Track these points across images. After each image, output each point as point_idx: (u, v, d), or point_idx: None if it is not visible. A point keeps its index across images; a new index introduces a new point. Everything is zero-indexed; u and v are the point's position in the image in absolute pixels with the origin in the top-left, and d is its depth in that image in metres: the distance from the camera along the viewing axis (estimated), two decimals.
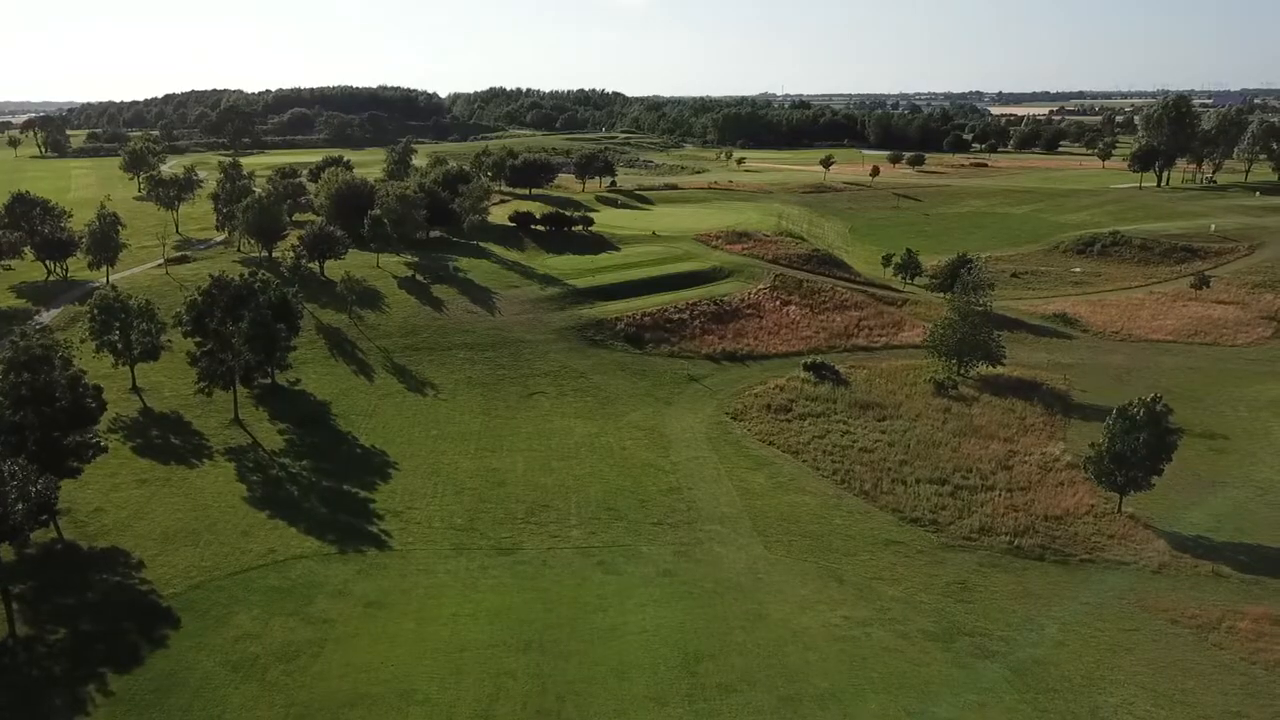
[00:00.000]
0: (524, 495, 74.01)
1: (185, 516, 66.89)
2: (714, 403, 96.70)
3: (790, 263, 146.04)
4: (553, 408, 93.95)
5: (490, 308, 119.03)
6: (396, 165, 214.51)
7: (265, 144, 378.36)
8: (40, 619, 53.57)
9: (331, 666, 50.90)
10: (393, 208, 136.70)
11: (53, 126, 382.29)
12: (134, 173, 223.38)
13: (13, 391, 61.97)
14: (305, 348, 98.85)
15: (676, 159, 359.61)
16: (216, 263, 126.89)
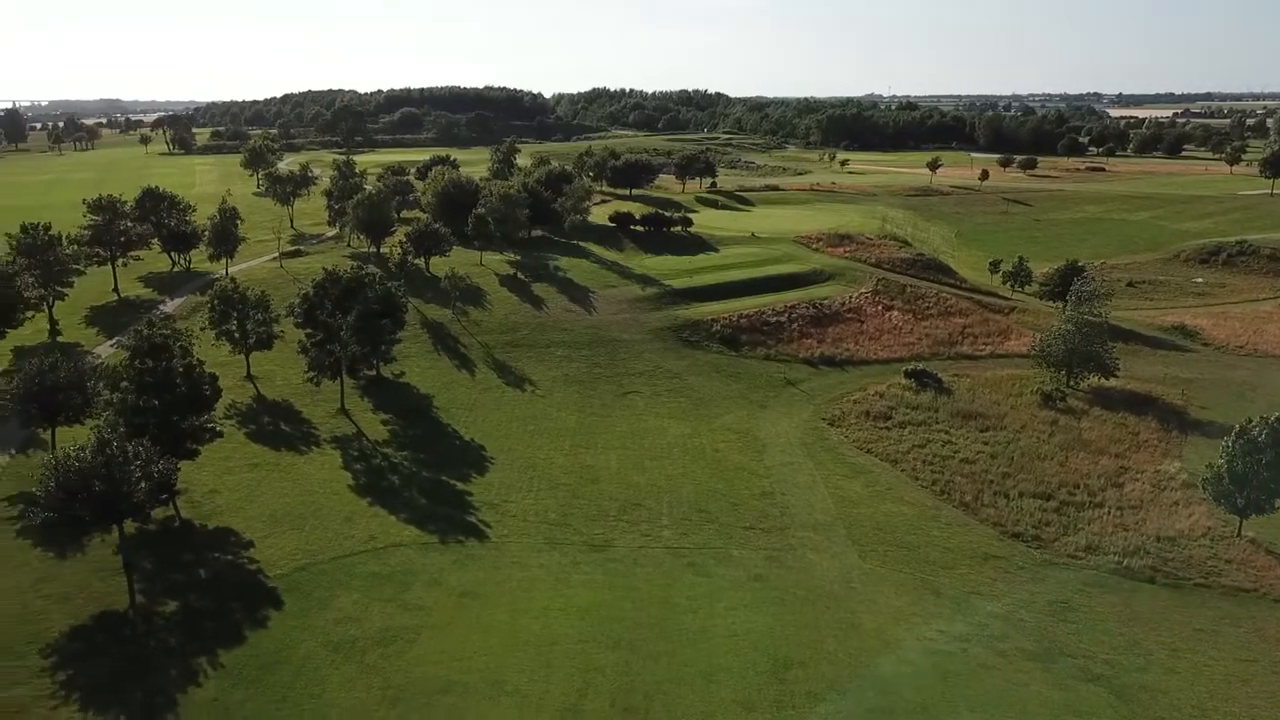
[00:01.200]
0: (616, 493, 74.45)
1: (292, 501, 69.42)
2: (810, 408, 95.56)
3: (893, 267, 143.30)
4: (647, 407, 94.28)
5: (588, 307, 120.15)
6: (501, 164, 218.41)
7: (376, 142, 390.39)
8: (157, 592, 56.28)
9: (426, 653, 52.11)
10: (496, 207, 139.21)
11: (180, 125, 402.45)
12: (253, 169, 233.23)
13: (137, 377, 65.27)
14: (409, 341, 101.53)
15: (778, 160, 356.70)
16: (327, 257, 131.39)
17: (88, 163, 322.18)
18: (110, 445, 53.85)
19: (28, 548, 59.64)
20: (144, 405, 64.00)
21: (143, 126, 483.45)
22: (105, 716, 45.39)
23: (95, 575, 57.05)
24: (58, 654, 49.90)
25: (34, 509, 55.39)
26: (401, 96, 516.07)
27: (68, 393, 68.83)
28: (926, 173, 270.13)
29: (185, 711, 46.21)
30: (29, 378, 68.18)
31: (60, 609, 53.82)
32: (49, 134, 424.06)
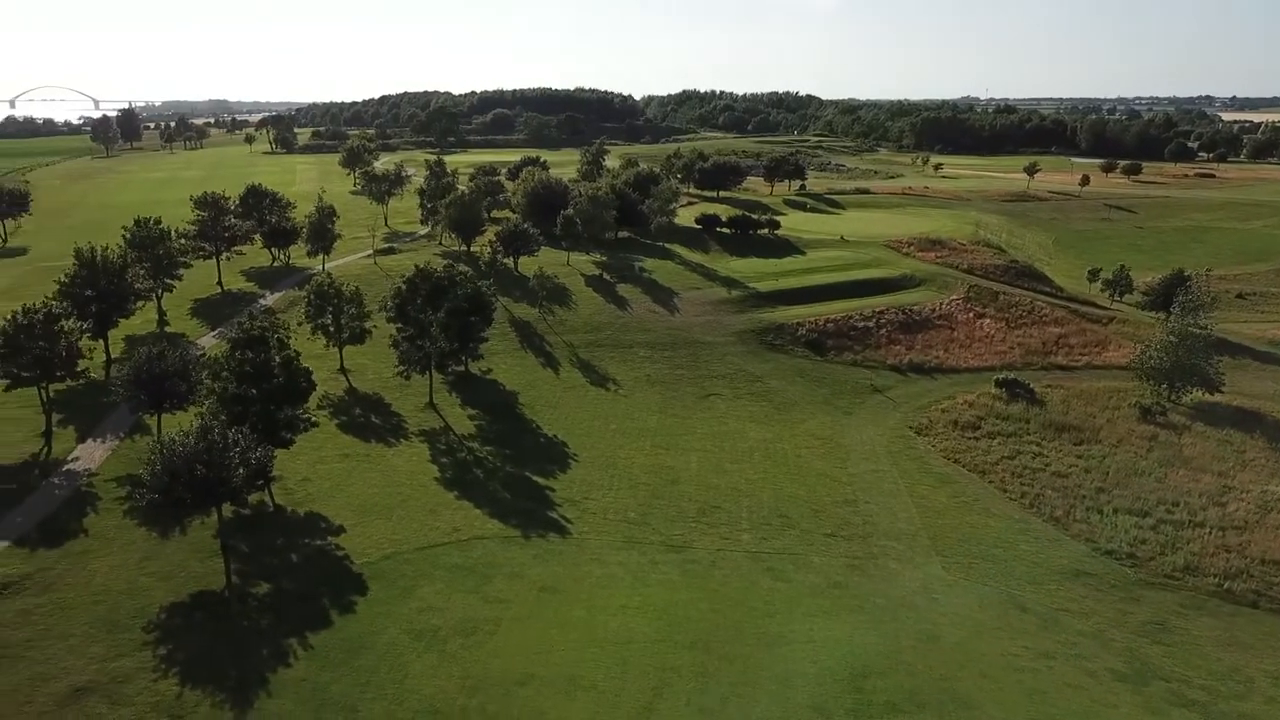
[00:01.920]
0: (696, 495, 74.49)
1: (380, 491, 71.31)
2: (897, 415, 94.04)
3: (986, 273, 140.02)
4: (728, 410, 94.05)
5: (672, 308, 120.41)
6: (590, 166, 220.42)
7: (468, 143, 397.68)
8: (252, 574, 58.44)
9: (506, 645, 52.98)
10: (584, 207, 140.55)
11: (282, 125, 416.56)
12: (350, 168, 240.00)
13: (238, 367, 67.90)
14: (497, 339, 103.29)
15: (869, 163, 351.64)
16: (419, 255, 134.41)
17: (196, 161, 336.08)
18: (212, 432, 56.15)
19: (134, 527, 62.56)
20: (243, 394, 66.48)
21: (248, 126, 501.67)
22: (201, 690, 47.32)
23: (195, 556, 59.54)
24: (159, 629, 52.24)
25: (140, 490, 58.14)
26: (494, 98, 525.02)
27: (173, 380, 71.88)
28: (1024, 177, 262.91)
29: (275, 690, 47.88)
30: (138, 365, 71.44)
31: (162, 586, 56.33)
32: (161, 133, 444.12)
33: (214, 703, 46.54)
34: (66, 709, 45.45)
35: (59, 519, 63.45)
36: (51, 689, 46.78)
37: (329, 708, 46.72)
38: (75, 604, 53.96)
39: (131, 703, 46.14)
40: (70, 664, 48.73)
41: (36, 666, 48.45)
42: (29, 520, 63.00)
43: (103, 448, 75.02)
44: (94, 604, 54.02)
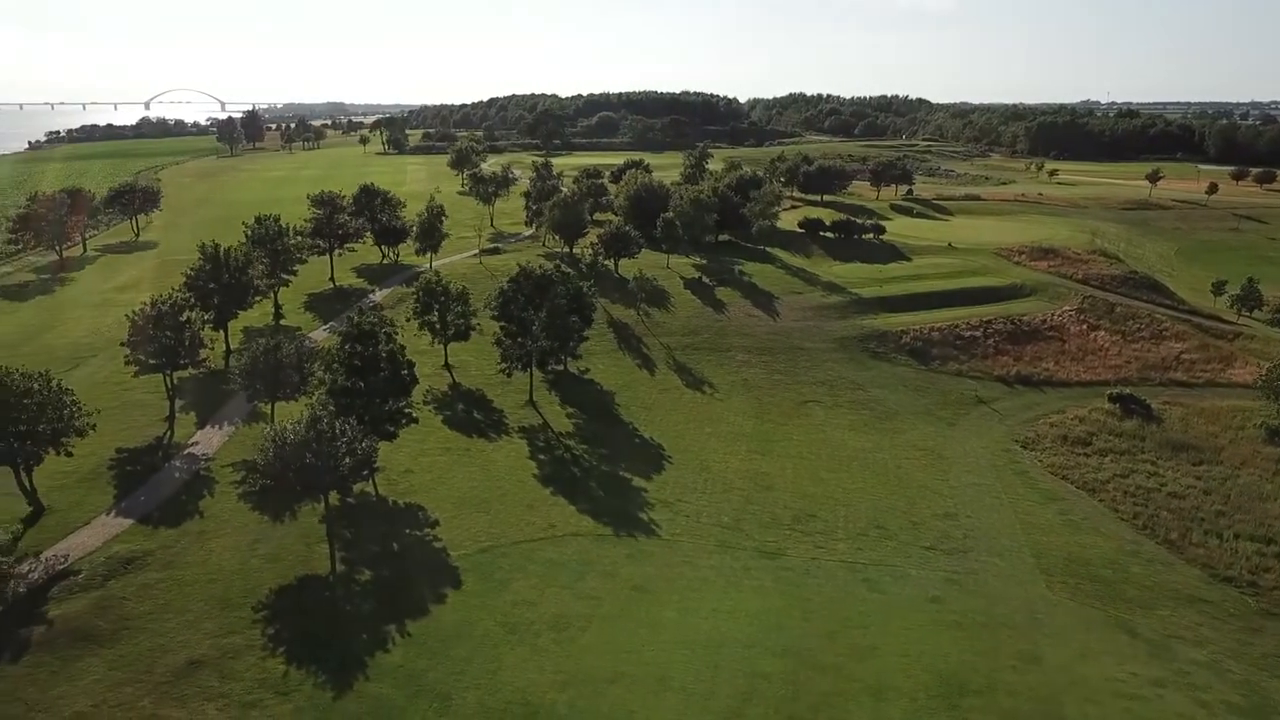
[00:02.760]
0: (791, 502, 73.73)
1: (479, 485, 72.76)
2: (1002, 428, 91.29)
3: (1102, 284, 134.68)
4: (827, 418, 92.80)
5: (771, 312, 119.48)
6: (692, 169, 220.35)
7: (573, 145, 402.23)
8: (355, 560, 60.37)
9: (597, 641, 53.42)
10: (685, 210, 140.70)
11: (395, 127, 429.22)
12: (458, 170, 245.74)
13: (347, 360, 70.27)
14: (596, 339, 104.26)
15: (981, 169, 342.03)
16: (523, 255, 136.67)
17: (313, 161, 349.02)
18: (321, 422, 58.20)
19: (247, 510, 65.36)
20: (352, 387, 68.76)
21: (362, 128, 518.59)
22: (305, 670, 49.11)
23: (302, 540, 61.83)
24: (268, 609, 54.42)
25: (254, 476, 60.77)
26: (600, 100, 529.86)
27: (287, 371, 74.89)
28: (1145, 185, 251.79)
29: (374, 674, 49.35)
30: (255, 356, 74.65)
31: (271, 568, 58.66)
32: (282, 134, 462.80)
33: (316, 683, 48.24)
34: (182, 680, 47.76)
35: (179, 500, 66.80)
36: (169, 661, 49.23)
37: (424, 695, 47.91)
38: (192, 581, 56.68)
39: (241, 678, 48.21)
40: (186, 638, 51.19)
41: (156, 638, 51.05)
42: (152, 500, 66.51)
43: (220, 434, 78.63)
44: (209, 582, 56.63)
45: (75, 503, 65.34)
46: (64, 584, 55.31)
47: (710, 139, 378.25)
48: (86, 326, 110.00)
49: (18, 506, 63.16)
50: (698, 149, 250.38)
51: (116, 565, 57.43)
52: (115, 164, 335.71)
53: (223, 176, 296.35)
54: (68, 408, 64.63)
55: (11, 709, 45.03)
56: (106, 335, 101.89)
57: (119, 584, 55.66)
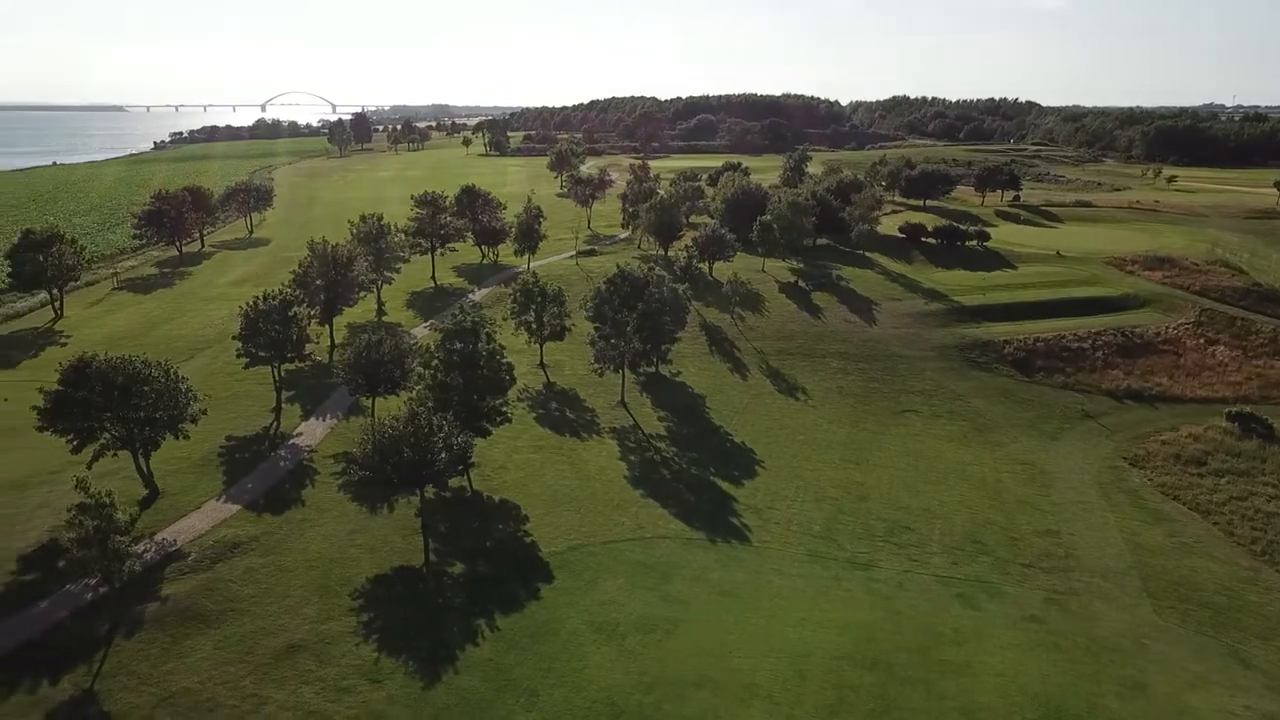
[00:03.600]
0: (885, 513, 72.25)
1: (570, 484, 73.38)
2: (1110, 444, 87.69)
3: (1222, 296, 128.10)
4: (924, 428, 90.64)
5: (869, 318, 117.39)
6: (791, 172, 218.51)
7: (671, 148, 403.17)
8: (448, 554, 61.54)
9: (683, 645, 53.26)
10: (782, 214, 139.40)
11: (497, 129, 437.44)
12: (557, 172, 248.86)
13: (446, 357, 71.77)
14: (688, 342, 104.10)
15: (1093, 174, 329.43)
16: (618, 257, 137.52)
17: (418, 161, 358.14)
18: (419, 417, 59.60)
19: (346, 501, 67.34)
20: (450, 383, 70.16)
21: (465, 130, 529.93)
22: (397, 659, 50.28)
23: (398, 532, 63.36)
24: (363, 597, 55.93)
25: (353, 467, 62.59)
26: (698, 103, 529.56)
27: (388, 367, 76.94)
28: (1272, 192, 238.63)
29: (462, 667, 50.19)
30: (358, 351, 76.92)
31: (368, 558, 60.28)
32: (388, 135, 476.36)
33: (407, 672, 49.33)
34: (282, 662, 49.44)
35: (283, 489, 69.24)
36: (270, 643, 51.03)
37: (511, 689, 48.51)
38: (293, 567, 58.65)
39: (336, 663, 49.64)
40: (286, 622, 52.99)
41: (259, 621, 53.00)
42: (258, 488, 69.11)
43: (323, 425, 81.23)
44: (308, 569, 58.51)
45: (187, 488, 68.37)
46: (175, 565, 57.93)
47: (810, 142, 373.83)
48: (202, 319, 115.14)
49: (135, 489, 66.41)
50: (797, 152, 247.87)
51: (223, 549, 59.86)
52: (232, 164, 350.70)
53: (332, 176, 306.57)
54: (183, 396, 67.63)
55: (124, 682, 47.34)
56: (220, 328, 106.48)
57: (225, 567, 57.99)
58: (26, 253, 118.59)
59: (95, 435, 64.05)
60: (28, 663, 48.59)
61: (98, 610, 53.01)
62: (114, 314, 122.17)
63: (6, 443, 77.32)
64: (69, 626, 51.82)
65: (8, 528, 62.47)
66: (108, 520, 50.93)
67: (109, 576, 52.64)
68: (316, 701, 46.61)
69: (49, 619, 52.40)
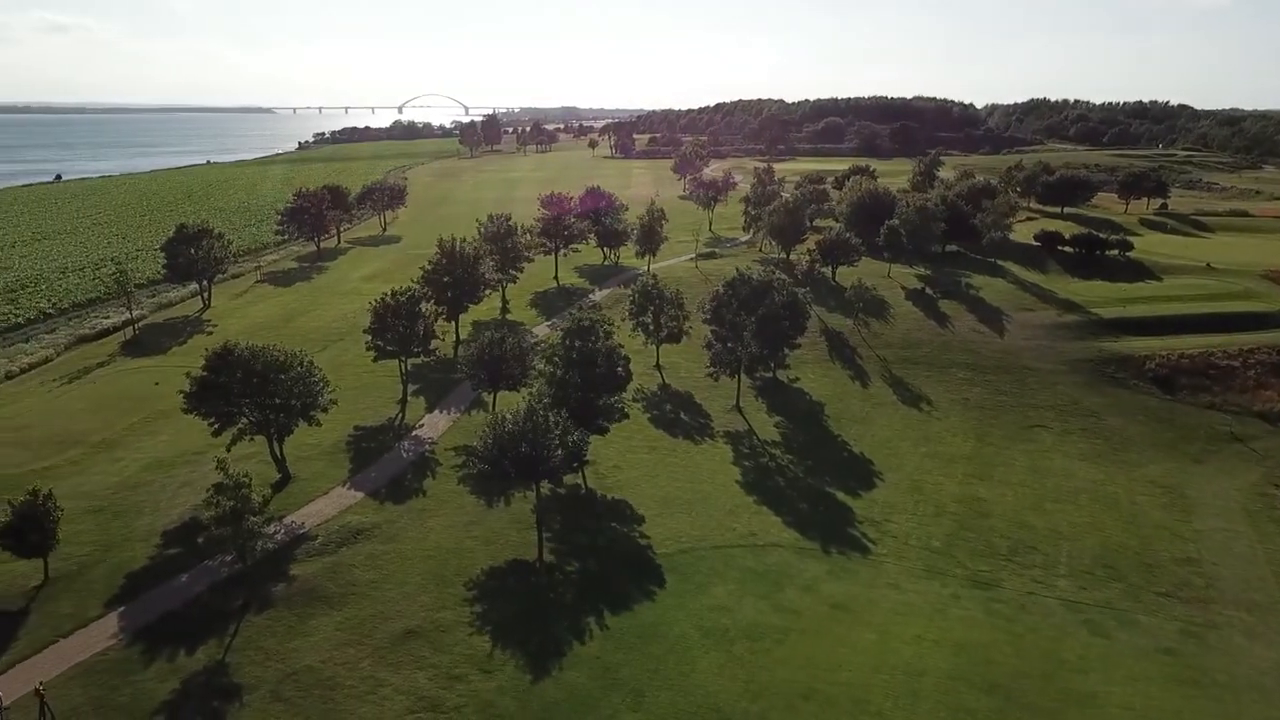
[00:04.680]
0: (1008, 531, 69.41)
1: (683, 487, 73.22)
2: (1260, 470, 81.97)
3: None
4: (1054, 444, 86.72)
5: (998, 329, 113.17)
6: (921, 177, 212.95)
7: (797, 151, 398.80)
8: (561, 550, 62.24)
9: (793, 655, 52.39)
10: (910, 219, 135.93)
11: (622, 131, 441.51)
12: (681, 174, 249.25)
13: (565, 355, 72.71)
14: (808, 347, 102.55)
15: (1250, 181, 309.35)
16: (738, 260, 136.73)
17: (545, 163, 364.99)
18: (537, 413, 60.51)
19: (464, 493, 68.99)
20: (568, 380, 71.02)
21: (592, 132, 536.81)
22: (508, 651, 51.13)
23: (513, 526, 64.49)
24: (478, 588, 57.13)
25: (473, 460, 64.03)
26: (826, 106, 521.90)
27: (509, 363, 78.51)
28: None
29: (570, 663, 50.64)
30: (481, 348, 78.79)
31: (484, 550, 61.56)
32: (517, 137, 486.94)
33: (517, 664, 50.10)
34: (398, 647, 50.95)
35: (405, 478, 71.47)
36: (388, 628, 52.66)
37: (618, 689, 48.66)
38: (412, 555, 60.41)
39: (450, 651, 50.83)
40: (404, 608, 54.59)
41: (378, 606, 54.77)
42: (382, 477, 71.54)
43: (445, 418, 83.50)
44: (426, 558, 60.16)
45: (317, 474, 71.34)
46: (303, 547, 60.48)
47: (942, 146, 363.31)
48: (336, 312, 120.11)
49: (269, 473, 69.71)
50: (928, 156, 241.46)
51: (348, 534, 62.17)
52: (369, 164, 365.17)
53: (462, 176, 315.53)
54: (316, 385, 70.63)
55: (253, 656, 49.67)
56: (352, 321, 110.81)
57: (349, 551, 60.20)
58: (179, 246, 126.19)
59: (234, 419, 67.55)
60: (168, 632, 51.55)
61: (231, 586, 55.83)
62: (256, 305, 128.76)
63: (157, 424, 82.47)
64: (205, 600, 54.75)
65: (154, 504, 66.58)
66: (243, 501, 53.52)
67: (242, 554, 55.37)
68: (429, 687, 47.82)
69: (188, 592, 55.49)
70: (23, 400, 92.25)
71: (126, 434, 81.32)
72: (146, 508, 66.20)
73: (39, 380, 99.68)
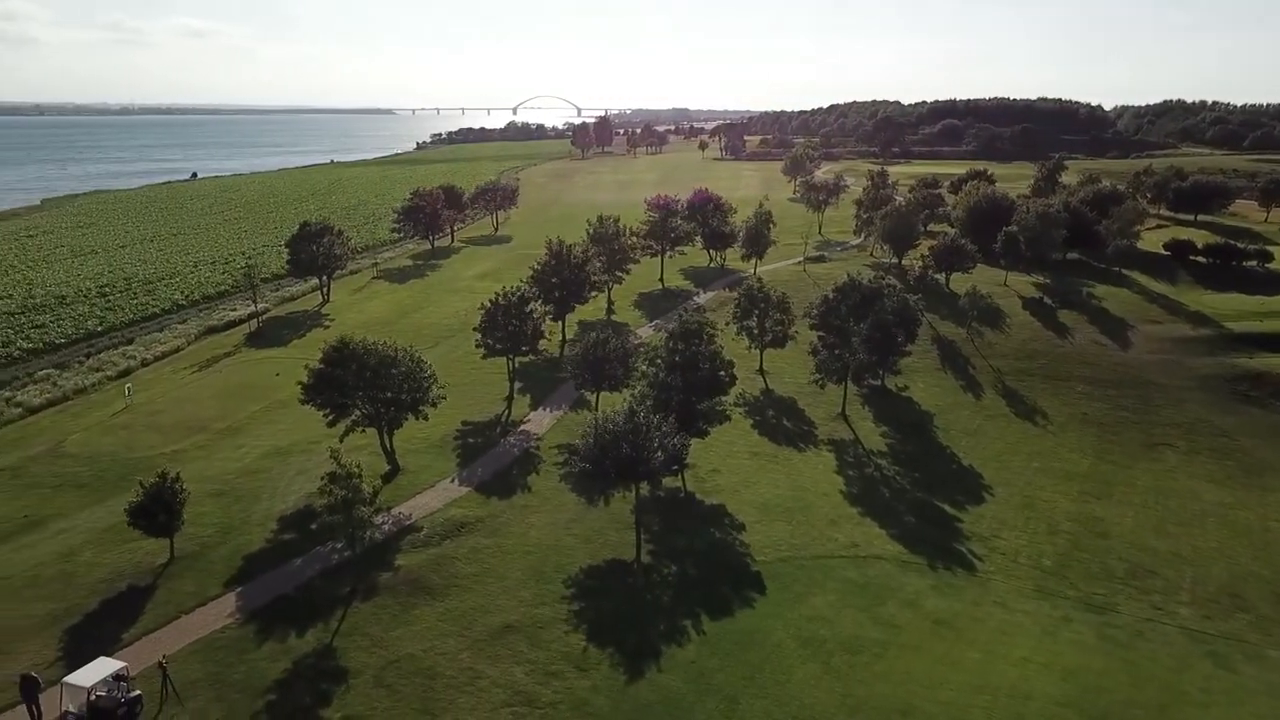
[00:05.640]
0: (1127, 554, 66.26)
1: (783, 494, 72.36)
2: None
3: None
4: (1179, 464, 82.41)
5: (1122, 341, 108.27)
6: (1042, 181, 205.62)
7: (912, 154, 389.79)
8: (659, 552, 62.26)
9: (892, 670, 51.17)
10: (1030, 225, 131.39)
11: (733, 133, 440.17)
12: (791, 176, 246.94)
13: (668, 357, 72.78)
14: (917, 356, 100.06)
15: None
16: (848, 265, 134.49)
17: (655, 165, 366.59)
18: (638, 415, 60.71)
19: (565, 491, 69.76)
20: (670, 382, 71.05)
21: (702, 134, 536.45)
22: (603, 650, 51.40)
23: (612, 526, 64.86)
24: (576, 586, 57.65)
25: (574, 459, 64.68)
26: (945, 108, 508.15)
27: (613, 364, 79.09)
28: None
29: (666, 665, 50.56)
30: (586, 348, 79.61)
31: (583, 548, 62.10)
32: (628, 139, 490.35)
33: (612, 664, 50.33)
34: (496, 641, 51.83)
35: (509, 474, 72.73)
36: (488, 621, 53.63)
37: (713, 694, 48.36)
38: (513, 550, 61.41)
39: (547, 648, 51.45)
40: (503, 603, 55.51)
41: (479, 599, 55.85)
42: (487, 471, 72.99)
43: (550, 416, 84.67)
44: (526, 554, 61.06)
45: (424, 466, 73.27)
46: (409, 538, 62.16)
47: (1066, 149, 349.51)
48: (447, 309, 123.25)
49: (379, 464, 71.93)
50: (1051, 160, 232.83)
51: (452, 527, 63.61)
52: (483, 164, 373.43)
53: (573, 178, 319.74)
54: (426, 380, 72.56)
55: (359, 641, 51.29)
56: (463, 319, 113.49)
57: (452, 544, 61.58)
58: (302, 242, 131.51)
59: (348, 411, 69.94)
60: (280, 615, 53.67)
61: (341, 573, 57.78)
62: (372, 301, 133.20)
63: (277, 414, 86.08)
64: (316, 585, 56.80)
65: (271, 490, 69.51)
66: (354, 490, 55.28)
67: (352, 543, 57.22)
68: (526, 682, 48.49)
69: (300, 576, 57.69)
70: (156, 386, 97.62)
71: (248, 422, 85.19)
72: (264, 493, 69.17)
73: (171, 368, 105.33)
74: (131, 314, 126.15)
